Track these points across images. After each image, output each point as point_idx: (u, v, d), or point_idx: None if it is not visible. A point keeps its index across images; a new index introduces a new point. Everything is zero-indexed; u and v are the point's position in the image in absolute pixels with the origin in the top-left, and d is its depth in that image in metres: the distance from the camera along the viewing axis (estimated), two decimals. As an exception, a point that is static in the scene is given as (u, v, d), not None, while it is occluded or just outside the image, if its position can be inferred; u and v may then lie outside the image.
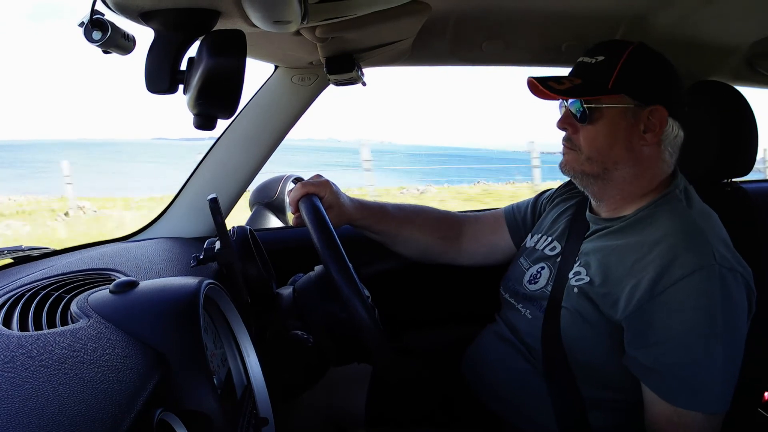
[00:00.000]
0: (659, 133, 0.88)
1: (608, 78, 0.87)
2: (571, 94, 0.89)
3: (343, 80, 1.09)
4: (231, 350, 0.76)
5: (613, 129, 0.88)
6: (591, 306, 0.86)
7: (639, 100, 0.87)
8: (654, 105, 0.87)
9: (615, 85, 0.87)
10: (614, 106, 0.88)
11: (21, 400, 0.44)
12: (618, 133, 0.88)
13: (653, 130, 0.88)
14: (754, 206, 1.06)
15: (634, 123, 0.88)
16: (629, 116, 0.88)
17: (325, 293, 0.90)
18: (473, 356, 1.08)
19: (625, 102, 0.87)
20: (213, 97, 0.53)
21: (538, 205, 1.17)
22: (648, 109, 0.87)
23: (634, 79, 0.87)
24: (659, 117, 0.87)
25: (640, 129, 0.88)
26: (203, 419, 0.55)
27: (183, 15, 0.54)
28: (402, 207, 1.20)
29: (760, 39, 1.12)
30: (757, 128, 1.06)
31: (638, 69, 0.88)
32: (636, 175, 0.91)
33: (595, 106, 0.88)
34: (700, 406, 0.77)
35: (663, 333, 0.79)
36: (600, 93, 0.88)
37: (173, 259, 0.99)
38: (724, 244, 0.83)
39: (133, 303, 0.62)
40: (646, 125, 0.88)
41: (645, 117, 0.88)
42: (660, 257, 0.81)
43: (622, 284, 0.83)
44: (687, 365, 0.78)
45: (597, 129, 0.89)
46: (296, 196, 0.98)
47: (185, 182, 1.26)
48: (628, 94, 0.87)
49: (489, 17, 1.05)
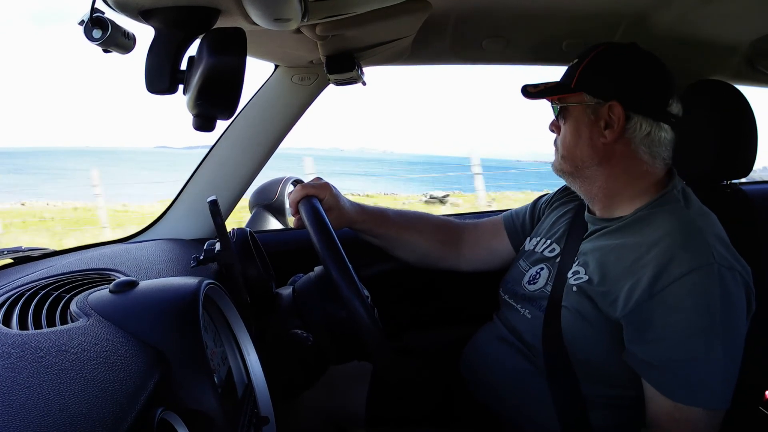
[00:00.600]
0: (618, 130, 0.89)
1: (572, 77, 0.92)
2: (541, 94, 0.95)
3: (343, 80, 1.09)
4: (231, 349, 0.76)
5: (577, 127, 0.93)
6: (590, 304, 0.87)
7: (597, 97, 0.90)
8: (611, 101, 0.89)
9: (577, 83, 0.91)
10: (576, 104, 0.92)
11: (21, 399, 0.44)
12: (580, 130, 0.92)
13: (611, 126, 0.90)
14: (753, 208, 1.06)
15: (594, 120, 0.91)
16: (589, 113, 0.91)
17: (324, 293, 0.90)
18: (472, 356, 1.08)
19: (584, 99, 0.91)
20: (213, 97, 0.53)
21: (537, 209, 1.18)
22: (606, 105, 0.89)
23: (592, 77, 0.91)
24: (617, 113, 0.89)
25: (600, 126, 0.90)
26: (204, 418, 0.55)
27: (183, 13, 0.54)
28: (402, 212, 1.22)
29: (761, 37, 1.12)
30: (756, 128, 1.06)
31: (598, 67, 0.91)
32: (610, 174, 0.92)
33: (564, 106, 0.94)
34: (700, 402, 0.77)
35: (662, 330, 0.79)
36: (563, 92, 0.93)
37: (173, 260, 0.99)
38: (723, 244, 0.83)
39: (133, 302, 0.62)
40: (607, 122, 0.90)
41: (605, 114, 0.90)
42: (658, 256, 0.81)
43: (621, 283, 0.83)
44: (686, 362, 0.78)
45: (566, 128, 0.94)
46: (296, 198, 0.98)
47: (185, 184, 1.26)
48: (586, 91, 0.91)
49: (489, 15, 1.05)
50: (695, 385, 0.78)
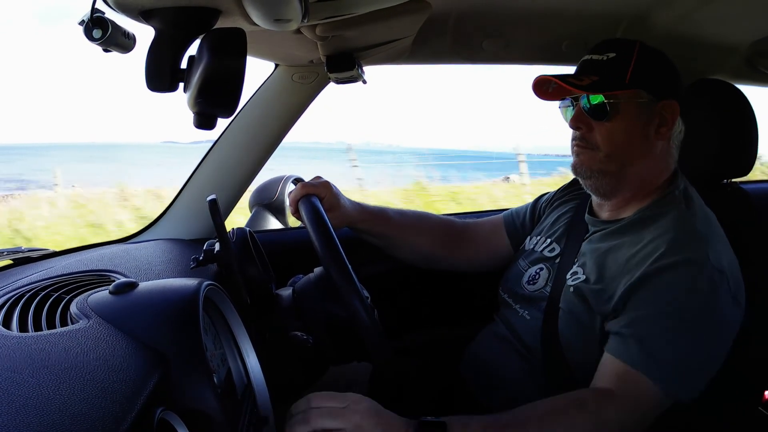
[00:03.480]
0: (671, 128, 0.90)
1: (624, 73, 0.88)
2: (592, 89, 0.89)
3: (344, 78, 1.09)
4: (231, 350, 0.76)
5: (632, 124, 0.89)
6: (584, 306, 0.87)
7: (653, 95, 0.89)
8: (667, 99, 0.89)
9: (631, 79, 0.88)
10: (631, 101, 0.89)
11: (22, 400, 0.44)
12: (636, 128, 0.89)
13: (667, 124, 0.89)
14: (754, 207, 1.06)
15: (649, 117, 0.89)
16: (645, 111, 0.89)
17: (324, 294, 0.90)
18: (472, 356, 1.08)
19: (641, 97, 0.89)
20: (213, 96, 0.53)
21: (537, 208, 1.18)
22: (661, 104, 0.89)
23: (649, 74, 0.89)
24: (672, 111, 0.89)
25: (655, 123, 0.89)
26: (204, 418, 0.55)
27: (183, 13, 0.54)
28: (403, 212, 1.21)
29: (760, 38, 1.12)
30: (757, 128, 1.05)
31: (651, 64, 0.89)
32: (649, 172, 0.92)
33: (612, 102, 0.88)
34: (655, 375, 0.75)
35: (638, 306, 0.79)
36: (618, 88, 0.89)
37: (173, 261, 0.99)
38: (719, 249, 0.83)
39: (132, 304, 0.62)
40: (661, 120, 0.89)
41: (659, 111, 0.89)
42: (653, 252, 0.81)
43: (616, 282, 0.83)
44: (656, 338, 0.77)
45: (615, 125, 0.89)
46: (296, 197, 0.98)
47: (185, 183, 1.25)
48: (644, 88, 0.88)
49: (489, 15, 1.05)
50: (658, 360, 0.76)
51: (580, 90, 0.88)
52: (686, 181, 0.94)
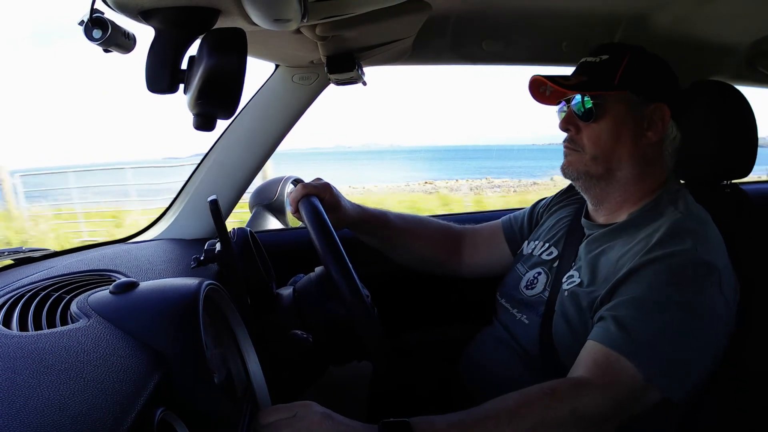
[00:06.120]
0: (661, 132, 0.89)
1: (614, 74, 0.88)
2: (578, 89, 0.89)
3: (344, 79, 1.09)
4: (231, 350, 0.76)
5: (618, 126, 0.88)
6: (577, 311, 0.86)
7: (643, 97, 0.88)
8: (657, 102, 0.88)
9: (620, 81, 0.87)
10: (619, 103, 0.88)
11: (22, 400, 0.44)
12: (622, 130, 0.89)
13: (655, 128, 0.88)
14: (753, 208, 1.06)
15: (637, 121, 0.88)
16: (633, 113, 0.88)
17: (325, 293, 0.90)
18: (471, 358, 1.08)
19: (629, 99, 0.88)
20: (213, 96, 0.53)
21: (535, 213, 1.18)
22: (651, 107, 0.88)
23: (639, 76, 0.88)
24: (662, 115, 0.88)
25: (643, 127, 0.89)
26: (204, 418, 0.55)
27: (183, 13, 0.54)
28: (403, 216, 1.21)
29: (760, 38, 1.12)
30: (756, 129, 1.05)
31: (642, 67, 0.89)
32: (638, 176, 0.91)
33: (599, 103, 0.88)
34: (637, 358, 0.73)
35: (623, 293, 0.78)
36: (606, 89, 0.88)
37: (173, 261, 0.99)
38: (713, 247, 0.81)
39: (133, 303, 0.62)
40: (649, 123, 0.88)
41: (648, 115, 0.88)
42: (642, 248, 0.81)
43: (608, 281, 0.83)
44: (633, 318, 0.75)
45: (601, 127, 0.89)
46: (297, 197, 0.98)
47: (185, 183, 1.25)
48: (632, 90, 0.88)
49: (489, 16, 1.05)
50: (641, 344, 0.74)
51: (566, 89, 0.89)
52: (680, 186, 0.93)
